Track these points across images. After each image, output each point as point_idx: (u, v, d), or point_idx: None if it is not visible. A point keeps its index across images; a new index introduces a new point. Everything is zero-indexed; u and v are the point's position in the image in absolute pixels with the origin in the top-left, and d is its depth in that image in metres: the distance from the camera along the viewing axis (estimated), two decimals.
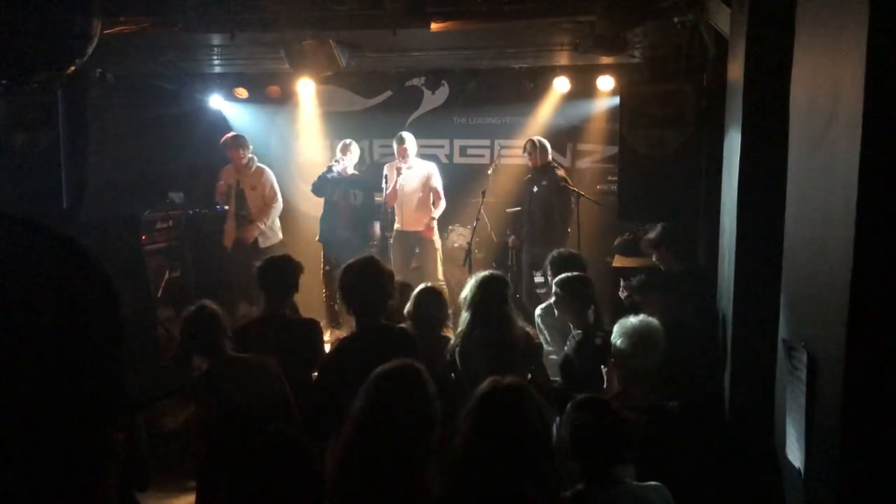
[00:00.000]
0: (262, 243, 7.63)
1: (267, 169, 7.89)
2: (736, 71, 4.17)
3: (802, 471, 2.59)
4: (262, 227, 7.62)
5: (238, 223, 7.66)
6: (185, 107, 8.84)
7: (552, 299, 4.44)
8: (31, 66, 3.43)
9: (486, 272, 4.08)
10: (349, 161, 7.68)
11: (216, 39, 6.56)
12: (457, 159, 9.11)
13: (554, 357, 4.64)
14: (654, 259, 5.26)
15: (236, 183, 7.62)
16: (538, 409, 2.40)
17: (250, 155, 7.78)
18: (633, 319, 3.43)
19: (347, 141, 7.81)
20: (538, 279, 6.98)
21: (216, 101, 9.03)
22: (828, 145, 2.44)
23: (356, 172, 7.80)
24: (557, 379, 4.21)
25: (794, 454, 2.68)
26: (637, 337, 3.33)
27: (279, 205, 7.86)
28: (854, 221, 2.13)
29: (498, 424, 2.31)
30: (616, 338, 3.40)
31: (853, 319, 2.17)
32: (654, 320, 3.44)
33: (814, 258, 2.58)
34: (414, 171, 7.64)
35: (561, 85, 7.93)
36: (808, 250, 2.67)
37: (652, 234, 5.42)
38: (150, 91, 8.51)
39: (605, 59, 7.00)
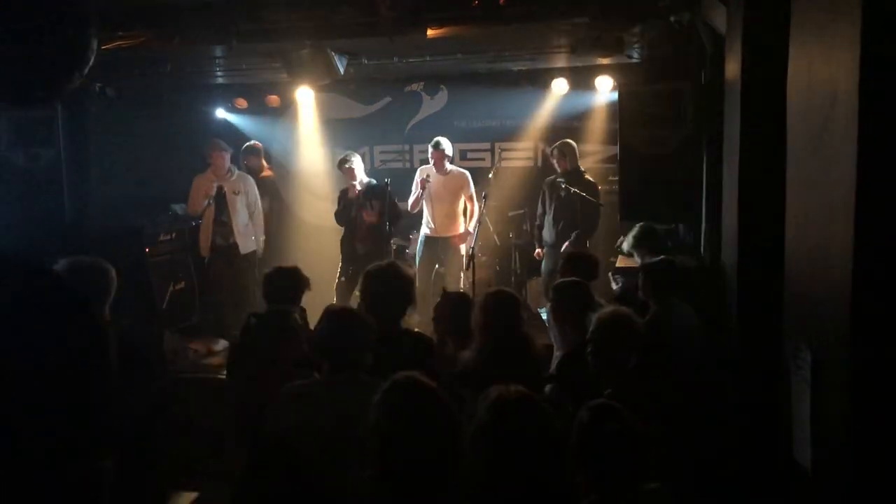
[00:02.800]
0: (243, 249, 7.57)
1: (248, 175, 7.82)
2: (733, 69, 4.17)
3: (809, 470, 2.58)
4: (243, 232, 7.54)
5: (216, 229, 7.54)
6: (186, 119, 8.85)
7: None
8: (30, 86, 3.43)
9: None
10: (358, 173, 7.49)
11: (215, 51, 6.57)
12: (457, 163, 9.10)
13: None
14: (636, 259, 5.30)
15: (217, 188, 7.51)
16: (550, 419, 2.35)
17: (229, 163, 7.63)
18: (607, 310, 3.41)
19: (346, 155, 7.59)
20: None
21: (217, 112, 9.05)
22: (825, 144, 2.43)
23: (372, 180, 7.60)
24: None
25: (801, 454, 2.67)
26: (612, 327, 3.28)
27: (257, 214, 7.75)
28: (853, 219, 2.12)
29: (508, 436, 2.26)
30: (592, 331, 3.36)
31: (856, 318, 2.16)
32: (628, 310, 3.41)
33: (815, 256, 2.58)
34: (448, 178, 7.58)
35: (559, 86, 7.93)
36: (810, 249, 2.67)
37: (630, 237, 5.44)
38: (150, 104, 8.53)
39: (603, 60, 7.00)
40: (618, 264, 6.29)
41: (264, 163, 8.55)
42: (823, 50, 2.52)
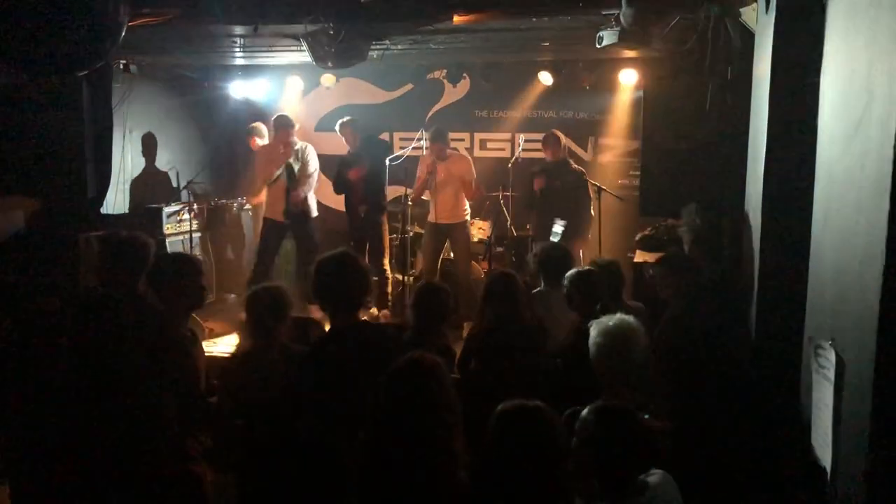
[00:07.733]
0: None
1: (309, 145, 7.78)
2: (762, 65, 4.13)
3: (830, 470, 2.57)
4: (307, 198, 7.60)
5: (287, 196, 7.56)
6: (208, 97, 8.89)
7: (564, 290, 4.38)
8: (60, 58, 3.44)
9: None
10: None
11: (240, 31, 6.57)
12: (477, 153, 9.09)
13: None
14: (685, 247, 5.17)
15: (286, 163, 7.55)
16: (559, 432, 2.36)
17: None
18: (610, 320, 3.28)
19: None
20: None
21: (240, 91, 9.07)
22: (859, 141, 2.41)
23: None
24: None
25: (822, 453, 2.66)
26: (615, 338, 3.18)
27: (313, 180, 7.76)
28: (886, 217, 2.10)
29: (519, 446, 2.31)
30: (593, 340, 3.25)
31: (884, 317, 2.14)
32: (632, 319, 3.28)
33: (843, 254, 2.55)
34: (450, 162, 7.46)
35: (583, 78, 7.91)
36: (838, 246, 2.65)
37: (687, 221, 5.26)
38: (173, 82, 8.56)
39: (629, 53, 6.95)
40: (635, 259, 6.27)
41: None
42: (862, 48, 2.49)
